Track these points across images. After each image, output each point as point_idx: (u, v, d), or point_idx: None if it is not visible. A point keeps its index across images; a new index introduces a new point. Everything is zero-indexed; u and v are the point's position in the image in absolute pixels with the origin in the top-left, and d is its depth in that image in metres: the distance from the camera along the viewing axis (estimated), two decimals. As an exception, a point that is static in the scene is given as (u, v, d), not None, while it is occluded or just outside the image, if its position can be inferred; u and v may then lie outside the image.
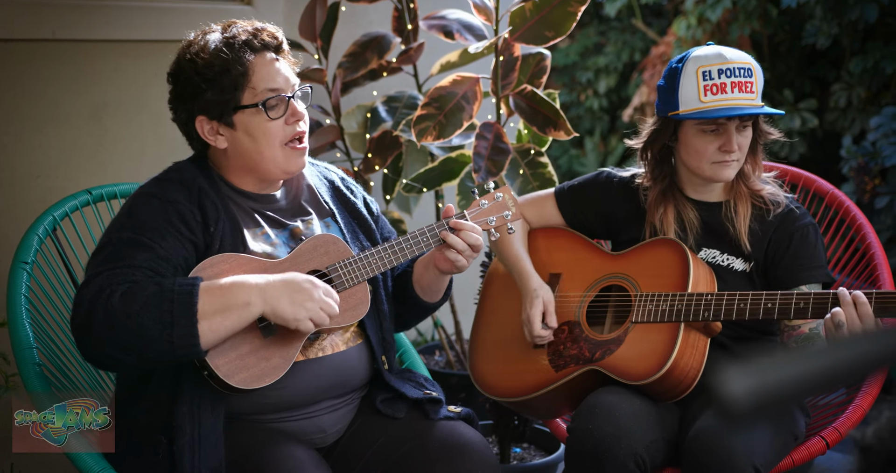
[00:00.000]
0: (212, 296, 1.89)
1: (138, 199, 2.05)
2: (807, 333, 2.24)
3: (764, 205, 2.33)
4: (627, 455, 2.10)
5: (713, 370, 2.24)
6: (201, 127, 2.08)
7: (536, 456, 3.12)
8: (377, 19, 3.47)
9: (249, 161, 2.09)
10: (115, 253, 1.95)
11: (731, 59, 2.25)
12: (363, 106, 3.24)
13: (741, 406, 0.76)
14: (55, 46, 2.96)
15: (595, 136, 6.19)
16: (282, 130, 2.07)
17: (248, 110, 2.05)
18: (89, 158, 3.05)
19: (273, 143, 2.07)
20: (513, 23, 2.80)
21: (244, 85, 2.05)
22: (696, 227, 2.35)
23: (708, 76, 2.24)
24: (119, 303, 1.86)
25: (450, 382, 3.25)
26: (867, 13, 4.37)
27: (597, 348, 2.30)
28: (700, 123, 2.26)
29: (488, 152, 2.81)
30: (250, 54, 2.05)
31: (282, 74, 2.09)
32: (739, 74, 2.23)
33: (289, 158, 2.09)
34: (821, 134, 4.89)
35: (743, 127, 2.27)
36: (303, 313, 1.93)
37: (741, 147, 2.27)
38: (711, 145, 2.26)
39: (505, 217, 2.23)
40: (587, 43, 6.15)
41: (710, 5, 4.98)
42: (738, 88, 2.22)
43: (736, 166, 2.29)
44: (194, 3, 3.26)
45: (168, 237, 1.98)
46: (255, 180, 2.13)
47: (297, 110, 2.09)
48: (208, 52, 2.04)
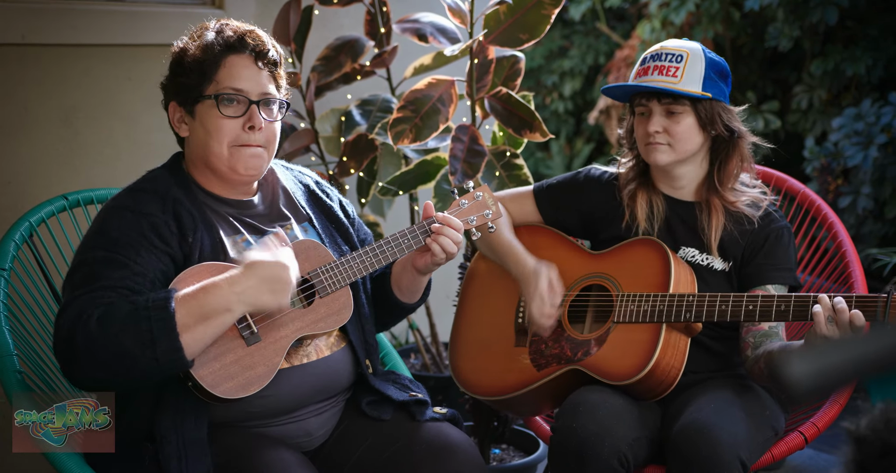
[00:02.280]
0: (189, 307, 1.86)
1: (110, 212, 2.02)
2: (765, 330, 2.27)
3: (742, 214, 2.35)
4: (611, 453, 2.12)
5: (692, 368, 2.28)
6: (172, 114, 2.12)
7: (516, 457, 3.13)
8: (347, 23, 3.47)
9: (201, 154, 2.09)
10: (89, 274, 1.93)
11: (667, 46, 2.34)
12: (337, 109, 3.24)
13: (804, 387, 0.78)
14: (24, 50, 2.93)
15: (561, 138, 6.23)
16: (234, 131, 2.06)
17: (206, 102, 2.06)
18: (61, 164, 3.01)
19: (221, 140, 2.06)
20: (487, 26, 2.81)
21: (211, 76, 2.05)
22: (661, 218, 2.38)
23: (642, 62, 2.35)
24: (96, 327, 1.84)
25: (427, 384, 3.25)
26: (828, 16, 4.45)
27: (578, 347, 2.32)
28: (636, 106, 2.35)
29: (464, 155, 2.82)
30: (227, 50, 2.06)
31: (253, 78, 2.07)
32: (665, 59, 2.31)
33: (235, 158, 2.06)
34: (783, 135, 4.97)
35: (672, 112, 2.30)
36: (285, 300, 1.94)
37: (670, 132, 2.30)
38: (642, 127, 2.34)
39: (486, 216, 2.25)
40: (552, 46, 6.20)
41: (673, 9, 5.04)
42: (657, 71, 2.30)
43: (668, 152, 2.31)
44: (164, 7, 3.24)
45: (142, 252, 1.95)
46: (218, 180, 2.11)
47: (255, 117, 2.06)
48: (197, 43, 2.08)
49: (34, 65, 2.95)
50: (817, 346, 0.84)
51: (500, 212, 2.28)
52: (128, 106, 3.13)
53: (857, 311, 2.05)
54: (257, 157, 2.08)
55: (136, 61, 3.15)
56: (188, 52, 2.08)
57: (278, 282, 1.92)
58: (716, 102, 2.30)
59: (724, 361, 2.37)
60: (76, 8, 3.01)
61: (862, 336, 0.83)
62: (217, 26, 2.11)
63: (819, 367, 0.79)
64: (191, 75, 2.06)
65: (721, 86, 2.32)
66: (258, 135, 2.06)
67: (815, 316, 2.06)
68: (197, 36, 2.10)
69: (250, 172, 2.09)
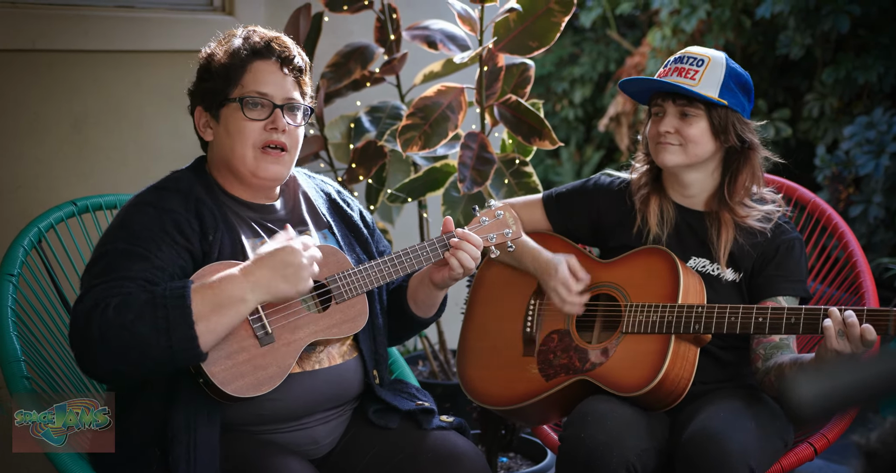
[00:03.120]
0: (204, 296, 1.88)
1: (134, 207, 2.04)
2: (776, 342, 2.26)
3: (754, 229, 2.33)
4: (619, 463, 2.11)
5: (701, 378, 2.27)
6: (198, 119, 2.14)
7: (523, 466, 3.12)
8: (359, 30, 3.47)
9: (225, 158, 2.10)
10: (109, 265, 1.94)
11: (691, 50, 2.36)
12: (346, 116, 3.24)
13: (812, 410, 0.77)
14: (35, 57, 2.94)
15: (571, 146, 6.23)
16: (257, 132, 2.08)
17: (230, 105, 2.08)
18: (70, 169, 3.02)
19: (245, 142, 2.07)
20: (497, 33, 2.81)
21: (237, 81, 2.08)
22: (672, 225, 2.37)
23: (665, 65, 2.37)
24: (114, 315, 1.84)
25: (435, 392, 3.23)
26: (839, 24, 4.43)
27: (587, 358, 2.31)
28: (652, 107, 2.36)
29: (473, 162, 2.81)
30: (253, 56, 2.09)
31: (278, 83, 2.09)
32: (689, 62, 2.32)
33: (258, 162, 2.08)
34: (794, 143, 4.95)
35: (686, 114, 2.30)
36: (302, 284, 1.95)
37: (682, 134, 2.29)
38: (654, 127, 2.34)
39: (505, 235, 2.23)
40: (562, 53, 6.20)
41: (684, 16, 5.04)
42: (678, 73, 2.31)
43: (678, 152, 2.30)
44: (174, 14, 3.24)
45: (163, 246, 1.97)
46: (241, 184, 2.12)
47: (278, 120, 2.08)
48: (225, 48, 2.10)
49: (45, 71, 2.96)
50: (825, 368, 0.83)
51: (520, 232, 2.26)
52: (137, 112, 3.14)
53: (868, 325, 2.03)
54: (279, 163, 2.11)
55: (146, 67, 3.15)
56: (215, 58, 2.10)
57: (289, 267, 1.93)
58: (731, 111, 2.29)
59: (733, 371, 2.35)
60: (86, 14, 3.02)
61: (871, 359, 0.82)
62: (244, 33, 2.13)
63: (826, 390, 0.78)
64: (217, 80, 2.08)
65: (740, 97, 2.31)
66: (281, 134, 2.09)
67: (826, 331, 2.05)
68: (224, 42, 2.13)
69: (272, 178, 2.11)
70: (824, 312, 2.09)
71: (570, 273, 2.35)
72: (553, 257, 2.39)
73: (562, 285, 2.34)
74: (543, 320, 2.42)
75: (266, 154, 2.09)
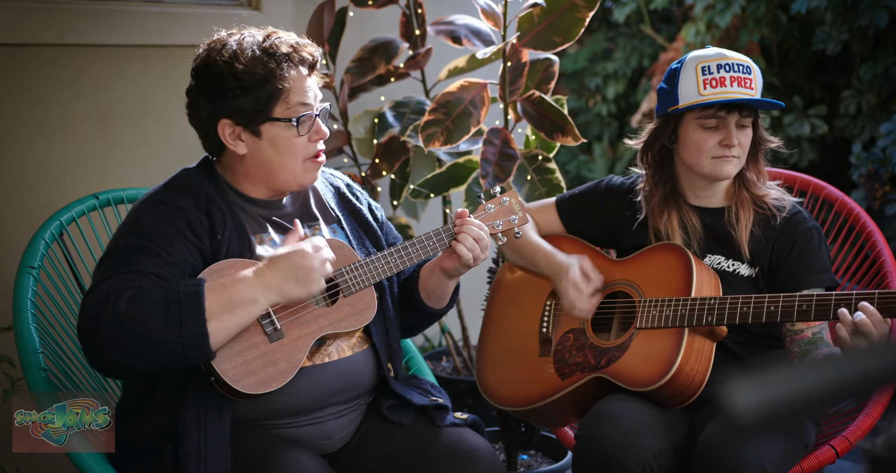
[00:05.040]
0: (217, 295, 1.88)
1: (145, 205, 2.05)
2: (809, 337, 2.23)
3: (768, 210, 2.32)
4: (635, 462, 2.09)
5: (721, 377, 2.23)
6: (223, 130, 2.05)
7: (543, 463, 3.10)
8: (384, 25, 3.47)
9: (267, 170, 2.08)
10: (121, 259, 1.95)
11: (730, 56, 2.29)
12: (371, 111, 3.23)
13: (748, 419, 0.75)
14: (62, 51, 2.97)
15: (603, 141, 6.17)
16: (304, 145, 2.08)
17: (279, 123, 2.04)
18: (97, 163, 3.05)
19: (297, 157, 2.08)
20: (521, 28, 2.79)
21: (279, 98, 2.04)
22: (700, 233, 2.34)
23: (707, 71, 2.26)
24: (126, 308, 1.85)
25: (457, 388, 3.24)
26: (877, 19, 4.35)
27: (602, 355, 2.29)
28: (700, 118, 2.27)
29: (496, 158, 2.80)
30: (290, 68, 2.04)
31: (311, 89, 2.09)
32: (738, 69, 2.26)
33: (307, 172, 2.11)
34: (830, 140, 4.87)
35: (742, 125, 2.27)
36: (314, 286, 1.95)
37: (741, 144, 2.28)
38: (711, 140, 2.27)
39: (512, 221, 2.23)
40: (596, 49, 6.14)
41: (719, 11, 4.96)
42: (737, 83, 2.24)
43: (737, 164, 2.29)
44: (201, 8, 3.26)
45: (175, 243, 1.97)
46: (266, 188, 2.13)
47: (320, 129, 2.10)
48: (247, 59, 2.01)
49: (72, 65, 2.99)
50: (764, 375, 0.81)
51: (527, 218, 2.26)
52: (163, 106, 3.16)
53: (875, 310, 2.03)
54: (320, 167, 2.14)
55: (172, 62, 3.17)
56: (238, 71, 2.00)
57: (300, 270, 1.93)
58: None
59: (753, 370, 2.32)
60: (114, 9, 3.05)
61: (814, 366, 0.80)
62: (266, 43, 2.04)
63: (766, 399, 0.76)
64: (250, 97, 2.01)
65: None
66: (322, 142, 2.12)
67: (841, 317, 2.04)
68: (244, 53, 2.01)
69: (313, 182, 2.16)
70: (835, 299, 2.07)
71: (583, 274, 2.33)
72: (566, 259, 2.37)
73: (573, 286, 2.33)
74: (559, 320, 2.41)
75: (315, 164, 2.11)
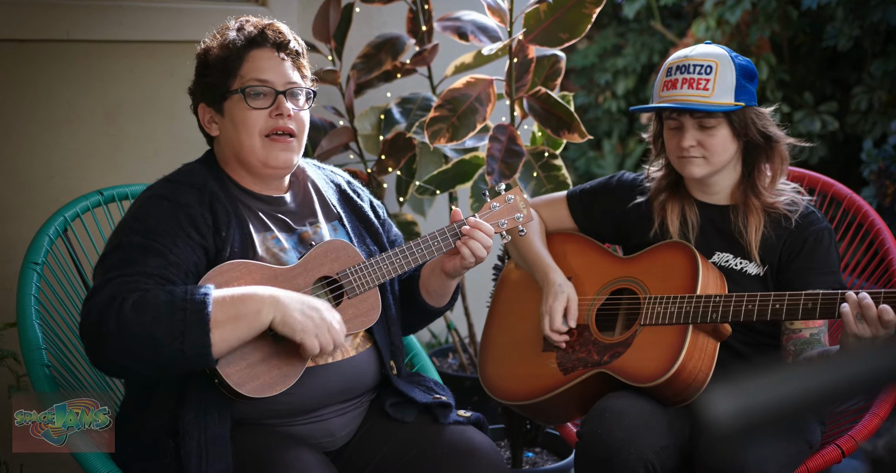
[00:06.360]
0: (224, 305, 1.87)
1: (148, 200, 2.04)
2: (807, 337, 2.21)
3: (780, 213, 2.29)
4: (637, 460, 2.08)
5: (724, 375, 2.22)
6: (203, 115, 2.13)
7: (549, 461, 3.09)
8: (391, 21, 3.46)
9: (237, 151, 2.09)
10: (125, 258, 1.94)
11: (692, 56, 2.25)
12: (377, 107, 3.23)
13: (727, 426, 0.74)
14: (69, 47, 2.97)
15: (613, 138, 6.15)
16: (263, 121, 2.07)
17: (233, 97, 2.08)
18: (103, 159, 3.05)
19: (252, 131, 2.07)
20: (527, 24, 2.77)
21: (235, 72, 2.07)
22: (696, 227, 2.33)
23: (668, 73, 2.27)
24: (131, 312, 1.84)
25: (463, 385, 3.23)
26: (889, 15, 4.32)
27: (605, 351, 2.28)
28: (665, 119, 2.29)
29: (502, 155, 2.79)
30: (249, 45, 2.08)
31: (276, 69, 2.09)
32: (694, 71, 2.23)
33: (268, 150, 2.08)
34: (841, 137, 4.84)
35: (706, 127, 2.23)
36: (311, 326, 1.91)
37: (705, 146, 2.24)
38: (674, 141, 2.28)
39: (516, 219, 2.22)
40: (606, 45, 6.12)
41: (729, 7, 4.94)
42: (687, 85, 2.23)
43: (702, 164, 2.26)
44: (208, 4, 3.26)
45: (179, 242, 1.96)
46: (251, 176, 2.12)
47: (282, 106, 2.07)
48: (219, 42, 2.10)
49: (79, 61, 2.99)
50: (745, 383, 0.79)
51: (532, 216, 2.25)
52: (170, 102, 3.16)
53: (885, 306, 1.99)
54: (289, 150, 2.10)
55: (179, 58, 3.15)
56: (211, 52, 2.11)
57: (313, 308, 1.92)
58: (748, 108, 2.24)
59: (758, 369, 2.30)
60: (120, 4, 3.05)
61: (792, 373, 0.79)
62: (237, 24, 2.13)
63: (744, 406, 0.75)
64: (215, 74, 2.08)
65: (751, 89, 2.26)
66: (287, 120, 2.08)
67: (844, 315, 2.02)
68: (219, 35, 2.13)
69: (282, 165, 2.10)
70: (841, 296, 2.05)
71: (566, 308, 2.34)
72: (561, 284, 2.37)
73: (548, 315, 2.34)
74: (563, 316, 2.40)
75: (274, 142, 2.08)
